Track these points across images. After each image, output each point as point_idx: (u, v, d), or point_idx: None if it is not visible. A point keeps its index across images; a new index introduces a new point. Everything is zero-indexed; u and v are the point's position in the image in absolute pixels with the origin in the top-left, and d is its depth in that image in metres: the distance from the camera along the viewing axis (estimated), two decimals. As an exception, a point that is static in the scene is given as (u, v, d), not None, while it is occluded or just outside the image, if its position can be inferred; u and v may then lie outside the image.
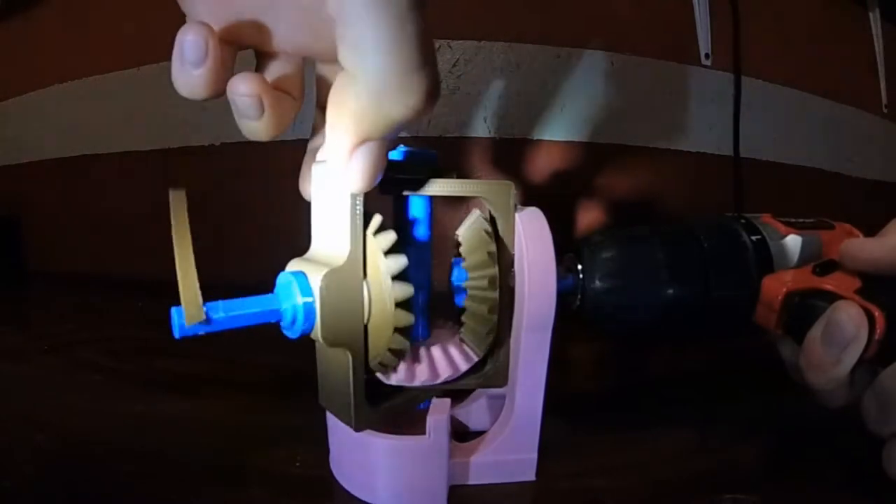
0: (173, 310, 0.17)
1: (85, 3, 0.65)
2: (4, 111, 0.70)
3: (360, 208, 0.19)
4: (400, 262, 0.20)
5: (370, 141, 0.17)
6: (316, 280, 0.19)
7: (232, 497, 0.24)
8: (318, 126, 0.24)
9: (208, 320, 0.17)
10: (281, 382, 0.36)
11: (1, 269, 0.67)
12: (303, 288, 0.19)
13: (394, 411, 0.23)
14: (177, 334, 0.17)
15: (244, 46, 0.21)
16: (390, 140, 0.18)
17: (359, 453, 0.24)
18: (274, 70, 0.22)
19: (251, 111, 0.19)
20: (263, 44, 0.20)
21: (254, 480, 0.25)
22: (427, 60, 0.16)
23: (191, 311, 0.17)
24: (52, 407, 0.32)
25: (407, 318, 0.20)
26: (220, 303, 0.18)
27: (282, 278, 0.20)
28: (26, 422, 0.30)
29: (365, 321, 0.20)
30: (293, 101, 0.22)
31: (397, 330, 0.20)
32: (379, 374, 0.22)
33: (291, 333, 0.19)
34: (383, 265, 0.20)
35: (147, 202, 0.68)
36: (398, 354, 0.21)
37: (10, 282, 0.66)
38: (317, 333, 0.19)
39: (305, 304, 0.19)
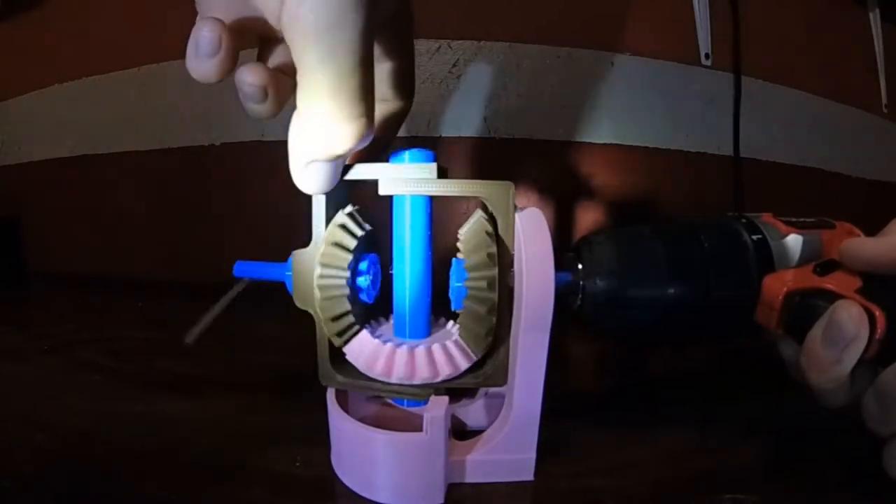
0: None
1: (85, 3, 0.65)
2: (4, 111, 0.70)
3: (321, 201, 0.23)
4: (331, 231, 0.23)
5: (315, 161, 0.20)
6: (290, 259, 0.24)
7: (232, 497, 0.24)
8: None
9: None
10: (281, 382, 0.36)
11: (1, 269, 0.67)
12: (290, 264, 0.24)
13: (355, 385, 0.24)
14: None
15: (251, 35, 0.22)
16: (340, 159, 0.21)
17: (359, 449, 0.24)
18: (277, 56, 0.23)
19: (256, 97, 0.21)
20: (268, 33, 0.22)
21: (254, 480, 0.25)
22: (364, 112, 0.20)
23: None
24: (52, 407, 0.32)
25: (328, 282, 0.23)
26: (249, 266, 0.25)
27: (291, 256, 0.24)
28: (26, 422, 0.30)
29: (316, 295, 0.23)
30: (293, 82, 0.22)
31: (326, 299, 0.23)
32: (379, 374, 0.23)
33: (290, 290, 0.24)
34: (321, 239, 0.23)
35: (147, 202, 0.69)
36: (333, 276, 0.23)
37: (10, 282, 0.66)
38: (294, 298, 0.24)
39: (288, 275, 0.24)
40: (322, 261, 0.23)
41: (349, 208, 0.24)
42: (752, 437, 0.29)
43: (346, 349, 0.24)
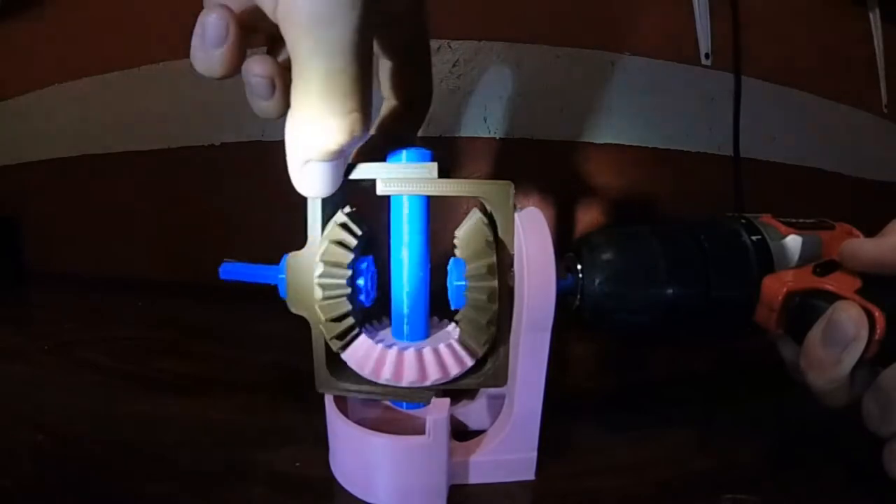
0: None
1: (85, 3, 0.65)
2: (4, 111, 0.70)
3: (317, 203, 0.23)
4: (330, 230, 0.23)
5: (313, 161, 0.20)
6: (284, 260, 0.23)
7: (232, 497, 0.24)
8: None
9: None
10: (281, 382, 0.36)
11: (1, 269, 0.67)
12: (284, 266, 0.24)
13: (352, 390, 0.24)
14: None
15: (258, 30, 0.22)
16: (336, 160, 0.20)
17: (358, 452, 0.24)
18: (286, 53, 0.22)
19: (263, 91, 0.20)
20: (276, 30, 0.21)
21: (254, 480, 0.25)
22: (358, 106, 0.19)
23: None
24: (52, 407, 0.32)
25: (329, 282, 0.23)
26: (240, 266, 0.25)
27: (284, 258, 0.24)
28: (26, 422, 0.30)
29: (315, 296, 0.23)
30: None
31: (326, 298, 0.23)
32: (386, 378, 0.23)
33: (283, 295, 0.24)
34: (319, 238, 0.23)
35: (147, 202, 0.69)
36: (334, 275, 0.23)
37: (10, 282, 0.66)
38: (288, 301, 0.23)
39: (281, 278, 0.23)
40: (324, 258, 0.23)
41: (348, 208, 0.24)
42: (752, 438, 0.29)
43: (345, 353, 0.24)
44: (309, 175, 0.20)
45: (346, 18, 0.18)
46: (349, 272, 0.23)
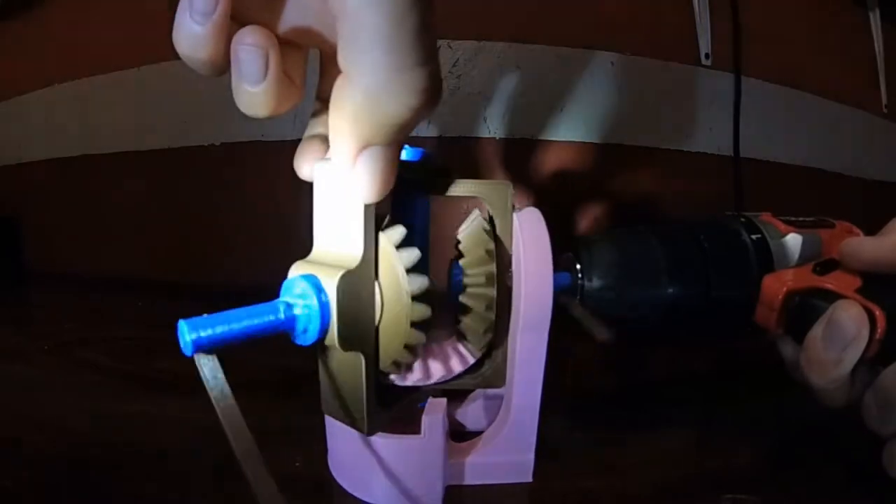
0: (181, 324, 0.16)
1: (84, 3, 0.65)
2: (4, 111, 0.70)
3: (372, 208, 0.19)
4: (413, 255, 0.20)
5: (373, 146, 0.16)
6: (330, 283, 0.18)
7: (232, 497, 0.24)
8: (317, 112, 0.23)
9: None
10: (281, 382, 0.36)
11: (1, 269, 0.67)
12: (317, 292, 0.18)
13: (401, 411, 0.23)
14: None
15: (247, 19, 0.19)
16: (399, 144, 0.17)
17: (356, 453, 0.24)
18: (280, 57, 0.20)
19: (254, 68, 0.17)
20: (271, 26, 0.19)
21: (253, 480, 0.25)
22: (427, 58, 0.15)
23: None
24: (52, 407, 0.32)
25: (423, 312, 0.20)
26: (222, 315, 0.17)
27: (291, 283, 0.18)
28: (26, 422, 0.30)
29: (377, 322, 0.19)
30: (296, 88, 0.20)
31: (414, 324, 0.20)
32: (392, 376, 0.22)
33: (304, 340, 0.18)
34: (396, 260, 0.19)
35: (147, 202, 0.69)
36: (414, 351, 0.21)
37: (10, 282, 0.66)
38: (332, 338, 0.18)
39: (322, 308, 0.18)
40: (414, 318, 0.19)
41: (401, 229, 0.20)
42: (752, 438, 0.29)
43: None
44: (369, 166, 0.17)
45: None
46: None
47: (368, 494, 0.23)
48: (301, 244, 0.24)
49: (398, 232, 0.20)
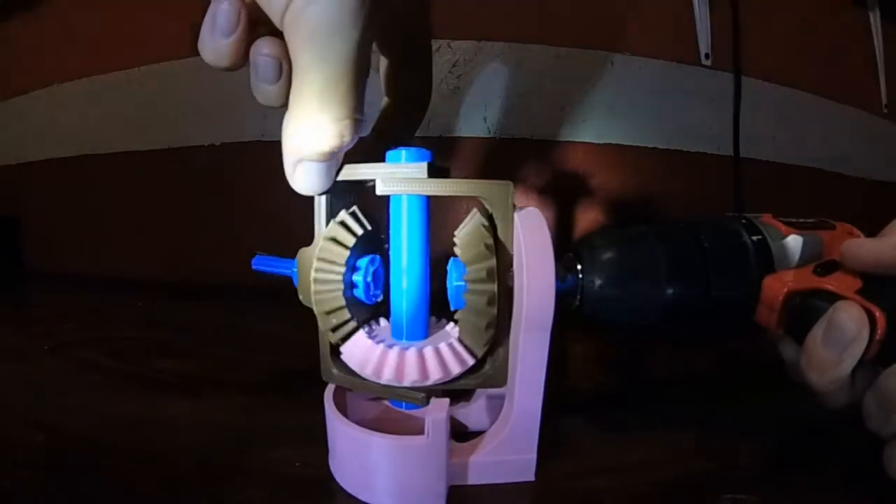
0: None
1: (85, 3, 0.65)
2: (4, 111, 0.70)
3: (323, 202, 0.24)
4: (331, 226, 0.24)
5: (304, 161, 0.21)
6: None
7: (231, 497, 0.24)
8: None
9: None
10: (281, 382, 0.36)
11: (1, 269, 0.67)
12: (293, 264, 0.25)
13: (356, 384, 0.24)
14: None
15: (262, 24, 0.21)
16: (327, 159, 0.21)
17: (358, 453, 0.24)
18: None
19: (270, 73, 0.21)
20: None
21: (253, 480, 0.25)
22: (348, 114, 0.20)
23: None
24: (52, 407, 0.32)
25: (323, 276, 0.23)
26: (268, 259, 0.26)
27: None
28: (26, 422, 0.30)
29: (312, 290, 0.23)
30: None
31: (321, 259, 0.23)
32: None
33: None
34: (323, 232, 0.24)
35: (147, 202, 0.69)
36: (328, 271, 0.23)
37: (10, 282, 0.66)
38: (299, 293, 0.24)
39: (293, 272, 0.25)
40: (319, 255, 0.23)
41: (354, 208, 0.25)
42: (752, 438, 0.29)
43: (342, 349, 0.24)
44: (301, 173, 0.22)
45: (350, 31, 0.19)
46: (343, 268, 0.23)
47: (370, 495, 0.23)
48: (301, 244, 0.24)
49: (341, 215, 0.24)
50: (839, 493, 0.25)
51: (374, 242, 0.26)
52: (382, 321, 0.27)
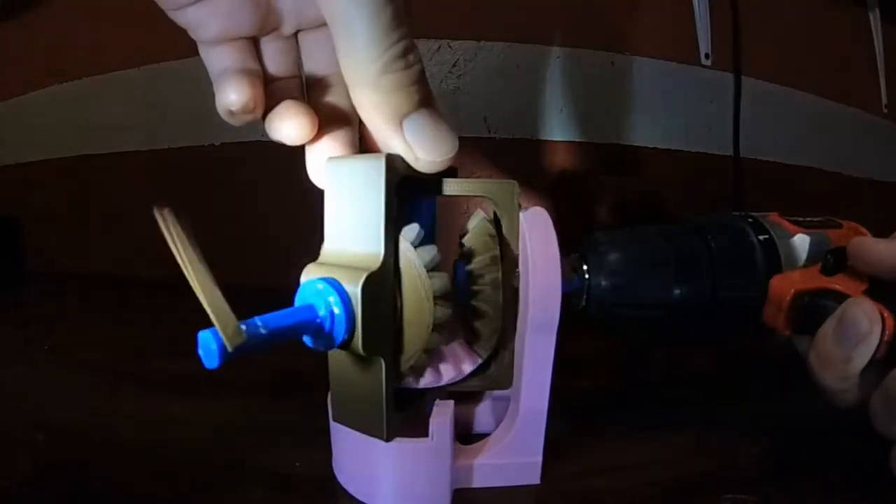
0: (205, 334, 0.15)
1: (85, 3, 0.65)
2: (4, 111, 0.70)
3: (393, 205, 0.18)
4: (431, 253, 0.19)
5: (412, 113, 0.18)
6: (352, 286, 0.17)
7: (232, 497, 0.24)
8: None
9: (248, 340, 0.15)
10: (281, 382, 0.36)
11: (1, 269, 0.67)
12: (341, 296, 0.17)
13: (416, 414, 0.22)
14: (216, 362, 0.15)
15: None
16: (431, 105, 0.18)
17: (361, 456, 0.23)
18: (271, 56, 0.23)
19: (293, 134, 0.20)
20: (264, 25, 0.21)
21: (253, 480, 0.25)
22: (407, 30, 0.17)
23: (228, 332, 0.15)
24: (52, 407, 0.32)
25: (445, 313, 0.19)
26: (258, 319, 0.16)
27: (310, 286, 0.17)
28: (26, 422, 0.30)
29: (398, 325, 0.19)
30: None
31: (435, 327, 0.19)
32: (407, 379, 0.21)
33: (323, 345, 0.17)
34: (417, 259, 0.19)
35: (147, 202, 0.68)
36: (430, 353, 0.21)
37: (10, 282, 0.66)
38: (356, 344, 0.17)
39: (346, 312, 0.17)
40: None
41: (418, 229, 0.20)
42: (752, 438, 0.29)
43: None
44: (416, 134, 0.18)
45: None
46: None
47: (374, 498, 0.23)
48: (300, 244, 0.24)
49: (414, 230, 0.19)
50: (839, 493, 0.25)
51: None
52: None
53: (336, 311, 0.17)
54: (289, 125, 0.20)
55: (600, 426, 0.30)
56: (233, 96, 0.19)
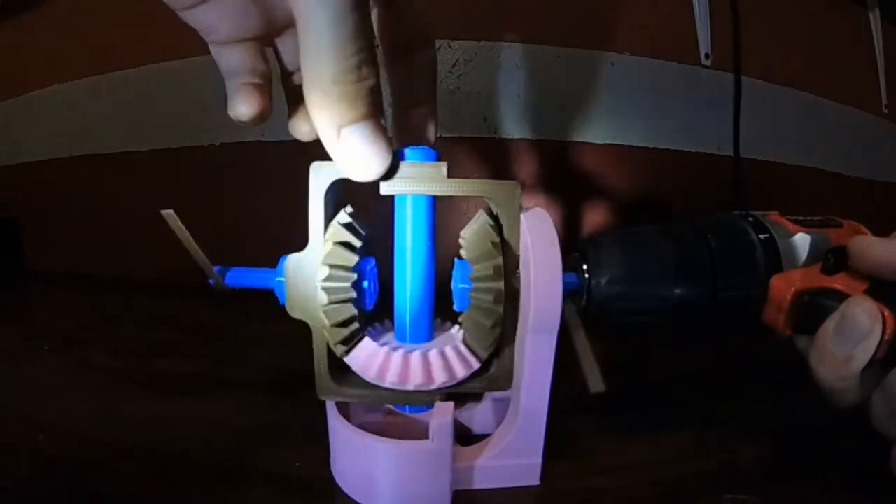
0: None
1: (85, 3, 0.65)
2: (5, 111, 0.70)
3: (320, 202, 0.22)
4: (333, 228, 0.22)
5: (346, 126, 0.19)
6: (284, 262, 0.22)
7: (232, 497, 0.24)
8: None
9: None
10: (281, 382, 0.36)
11: (1, 269, 0.67)
12: (282, 269, 0.23)
13: (355, 396, 0.24)
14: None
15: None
16: (372, 120, 0.19)
17: (360, 457, 0.23)
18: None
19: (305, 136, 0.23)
20: (275, 25, 0.23)
21: (254, 480, 0.25)
22: (364, 46, 0.18)
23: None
24: (52, 407, 0.32)
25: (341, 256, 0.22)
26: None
27: (282, 263, 0.23)
28: (26, 422, 0.30)
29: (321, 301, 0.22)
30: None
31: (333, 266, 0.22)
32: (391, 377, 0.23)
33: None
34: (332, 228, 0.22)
35: (147, 202, 0.68)
36: (340, 279, 0.22)
37: (11, 282, 0.66)
38: (287, 306, 0.22)
39: (279, 281, 0.23)
40: (328, 261, 0.22)
41: (349, 208, 0.23)
42: (752, 438, 0.29)
43: (347, 357, 0.23)
44: (349, 145, 0.19)
45: None
46: (354, 275, 0.22)
47: (373, 500, 0.23)
48: (300, 244, 0.24)
49: (343, 216, 0.22)
50: (839, 493, 0.25)
51: (369, 243, 0.25)
52: (387, 323, 0.27)
53: (279, 279, 0.23)
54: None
55: (600, 426, 0.30)
56: (243, 108, 0.22)
